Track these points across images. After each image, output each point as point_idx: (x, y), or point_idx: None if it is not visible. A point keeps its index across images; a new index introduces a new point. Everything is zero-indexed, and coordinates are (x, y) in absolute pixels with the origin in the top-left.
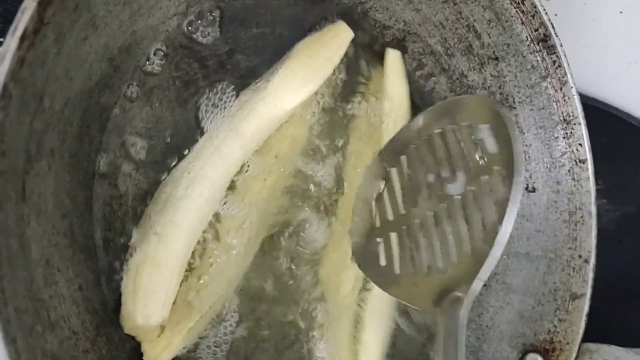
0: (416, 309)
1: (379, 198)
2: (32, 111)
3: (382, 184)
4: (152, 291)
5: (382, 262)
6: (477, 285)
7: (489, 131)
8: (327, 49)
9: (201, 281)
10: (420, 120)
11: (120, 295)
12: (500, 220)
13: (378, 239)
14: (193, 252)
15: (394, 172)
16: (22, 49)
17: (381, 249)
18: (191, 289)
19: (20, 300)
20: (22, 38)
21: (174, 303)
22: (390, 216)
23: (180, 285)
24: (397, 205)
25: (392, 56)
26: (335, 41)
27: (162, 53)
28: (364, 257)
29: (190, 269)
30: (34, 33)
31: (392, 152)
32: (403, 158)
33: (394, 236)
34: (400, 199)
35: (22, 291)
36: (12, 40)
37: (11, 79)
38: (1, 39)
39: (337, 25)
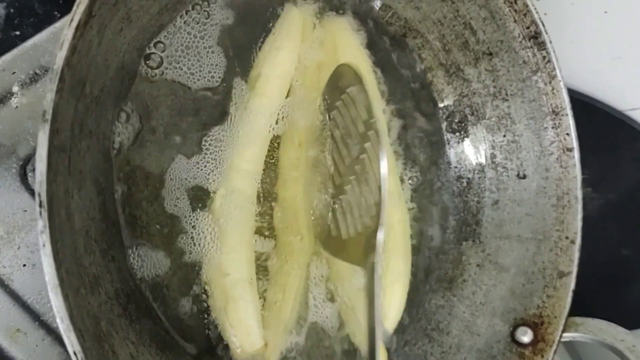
0: (358, 266)
1: (322, 179)
2: (77, 95)
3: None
4: (246, 322)
5: (333, 232)
6: (380, 234)
7: (358, 91)
8: (288, 39)
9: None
10: (325, 102)
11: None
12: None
13: (328, 214)
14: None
15: (325, 154)
16: (75, 38)
17: (330, 222)
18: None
19: (69, 264)
20: (77, 28)
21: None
22: (331, 191)
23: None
24: (333, 180)
25: (338, 24)
26: (292, 28)
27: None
28: (320, 232)
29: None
30: (84, 24)
31: (318, 140)
32: (328, 139)
33: (337, 207)
34: (334, 174)
35: (69, 256)
36: (69, 30)
37: (66, 64)
38: (17, 32)
39: (286, 12)
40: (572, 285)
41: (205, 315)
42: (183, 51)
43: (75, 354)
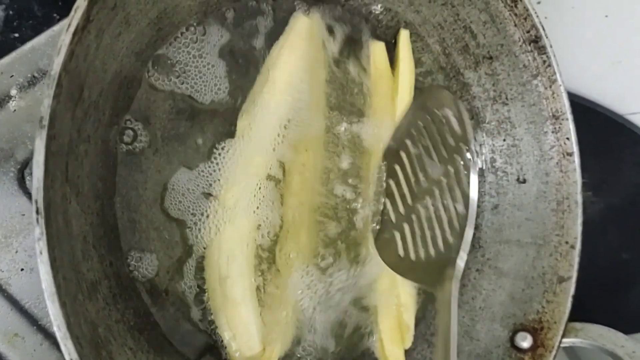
0: (428, 289)
1: (390, 193)
2: (75, 100)
3: (390, 181)
4: (245, 326)
5: (401, 252)
6: (461, 260)
7: (452, 115)
8: (295, 49)
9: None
10: (406, 117)
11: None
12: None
13: (395, 232)
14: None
15: (397, 168)
16: (72, 43)
17: (398, 241)
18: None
19: (66, 270)
20: (74, 33)
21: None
22: (401, 209)
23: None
24: (405, 198)
25: (404, 36)
26: (298, 38)
27: (185, 50)
28: (385, 250)
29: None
30: (82, 29)
31: (393, 150)
32: (402, 154)
33: (407, 227)
34: (407, 192)
35: (67, 262)
36: (67, 35)
37: (63, 69)
38: (16, 34)
39: (294, 19)
40: (572, 291)
41: (204, 320)
42: (188, 64)
43: None
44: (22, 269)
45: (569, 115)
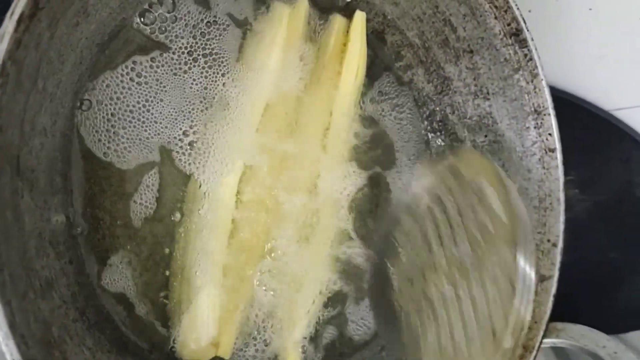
0: None
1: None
2: (27, 91)
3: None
4: (202, 316)
5: (422, 342)
6: None
7: (493, 192)
8: (268, 34)
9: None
10: (426, 176)
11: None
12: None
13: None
14: None
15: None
16: (18, 32)
17: (420, 326)
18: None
19: (15, 267)
20: (19, 21)
21: None
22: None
23: None
24: (420, 273)
25: (359, 17)
26: (275, 25)
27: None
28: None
29: None
30: (30, 17)
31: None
32: (414, 222)
33: (423, 308)
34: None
35: (16, 259)
36: (10, 23)
37: (9, 58)
38: None
39: (274, 7)
40: (554, 290)
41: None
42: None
43: None
44: None
45: (551, 111)
